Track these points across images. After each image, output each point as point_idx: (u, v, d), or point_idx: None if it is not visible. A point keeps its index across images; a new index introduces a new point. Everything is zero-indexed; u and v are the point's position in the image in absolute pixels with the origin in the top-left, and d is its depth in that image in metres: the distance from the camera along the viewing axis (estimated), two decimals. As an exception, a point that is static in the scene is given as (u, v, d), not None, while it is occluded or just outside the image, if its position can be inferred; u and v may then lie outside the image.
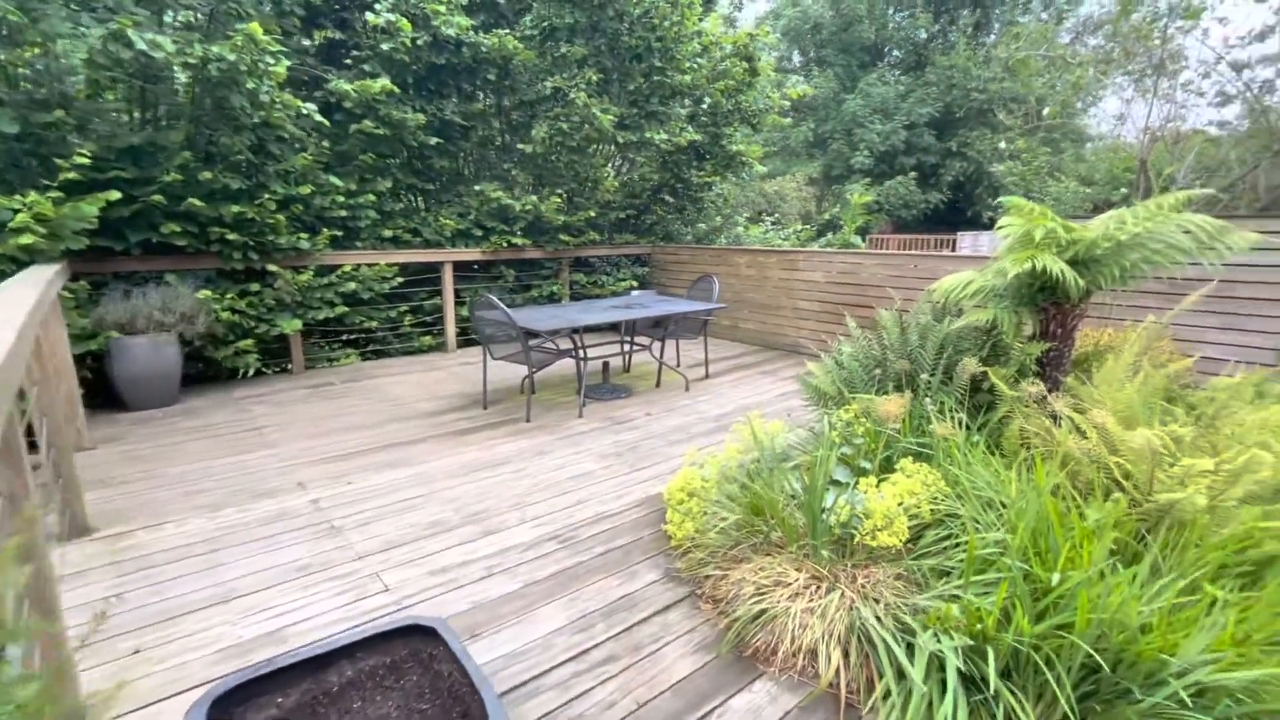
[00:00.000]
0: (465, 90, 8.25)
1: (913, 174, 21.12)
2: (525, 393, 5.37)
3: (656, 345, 6.75)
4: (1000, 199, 3.40)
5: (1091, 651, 1.68)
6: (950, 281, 3.50)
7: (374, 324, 7.53)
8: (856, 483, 2.77)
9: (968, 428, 3.14)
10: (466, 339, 8.35)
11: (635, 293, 8.21)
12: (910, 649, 1.98)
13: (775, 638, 2.33)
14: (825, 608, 2.31)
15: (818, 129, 23.93)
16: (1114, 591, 1.73)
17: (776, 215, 16.56)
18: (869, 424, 3.09)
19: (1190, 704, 1.52)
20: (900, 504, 2.56)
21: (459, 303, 8.23)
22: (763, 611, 2.39)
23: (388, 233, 7.52)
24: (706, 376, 6.79)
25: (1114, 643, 1.70)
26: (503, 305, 4.98)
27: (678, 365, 7.04)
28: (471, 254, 8.14)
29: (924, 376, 3.53)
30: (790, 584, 2.46)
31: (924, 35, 23.72)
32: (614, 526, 3.43)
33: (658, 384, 6.49)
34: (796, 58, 27.27)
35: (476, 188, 8.18)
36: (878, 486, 2.68)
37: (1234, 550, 2.08)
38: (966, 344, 3.53)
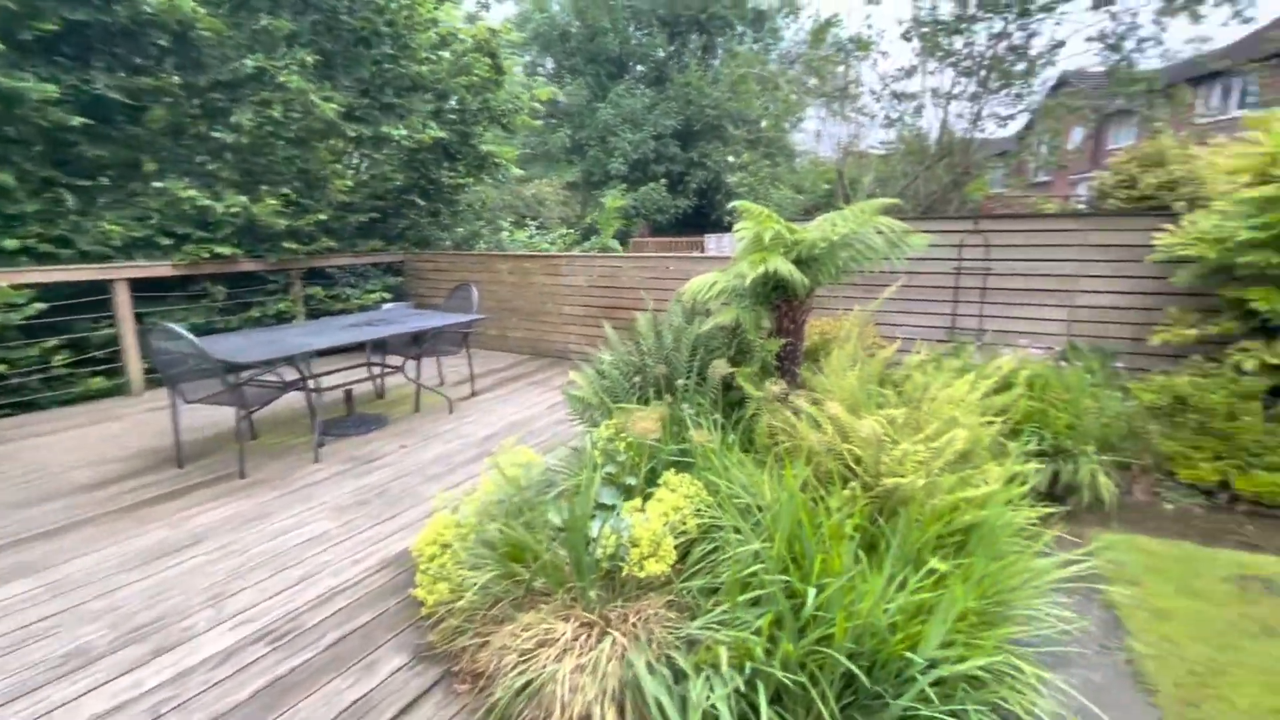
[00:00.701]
0: (128, 60, 6.45)
1: (663, 181, 22.74)
2: (240, 440, 4.28)
3: (412, 365, 6.01)
4: (732, 203, 3.51)
5: (847, 663, 1.65)
6: (697, 283, 3.52)
7: (3, 367, 5.50)
8: (623, 505, 2.57)
9: (724, 429, 3.15)
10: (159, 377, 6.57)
11: (387, 306, 7.27)
12: (684, 702, 1.79)
13: (544, 711, 1.99)
14: (596, 661, 2.03)
15: (575, 135, 24.48)
16: (865, 598, 1.72)
17: (541, 219, 16.43)
18: (630, 437, 2.93)
19: (935, 699, 1.56)
20: (666, 523, 2.41)
21: (146, 330, 6.42)
22: (528, 683, 2.03)
23: (10, 243, 5.53)
24: (473, 394, 6.24)
25: (869, 646, 1.69)
26: (189, 334, 3.88)
27: (440, 385, 6.37)
28: (157, 268, 6.42)
29: (681, 380, 3.50)
30: (557, 640, 2.13)
31: (662, 54, 25.68)
32: (351, 603, 2.78)
33: (416, 409, 5.76)
34: (550, 64, 27.60)
35: (159, 184, 6.45)
36: (643, 507, 2.50)
37: (945, 521, 2.28)
38: (717, 344, 3.59)
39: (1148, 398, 3.77)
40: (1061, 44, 6.42)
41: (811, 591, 1.81)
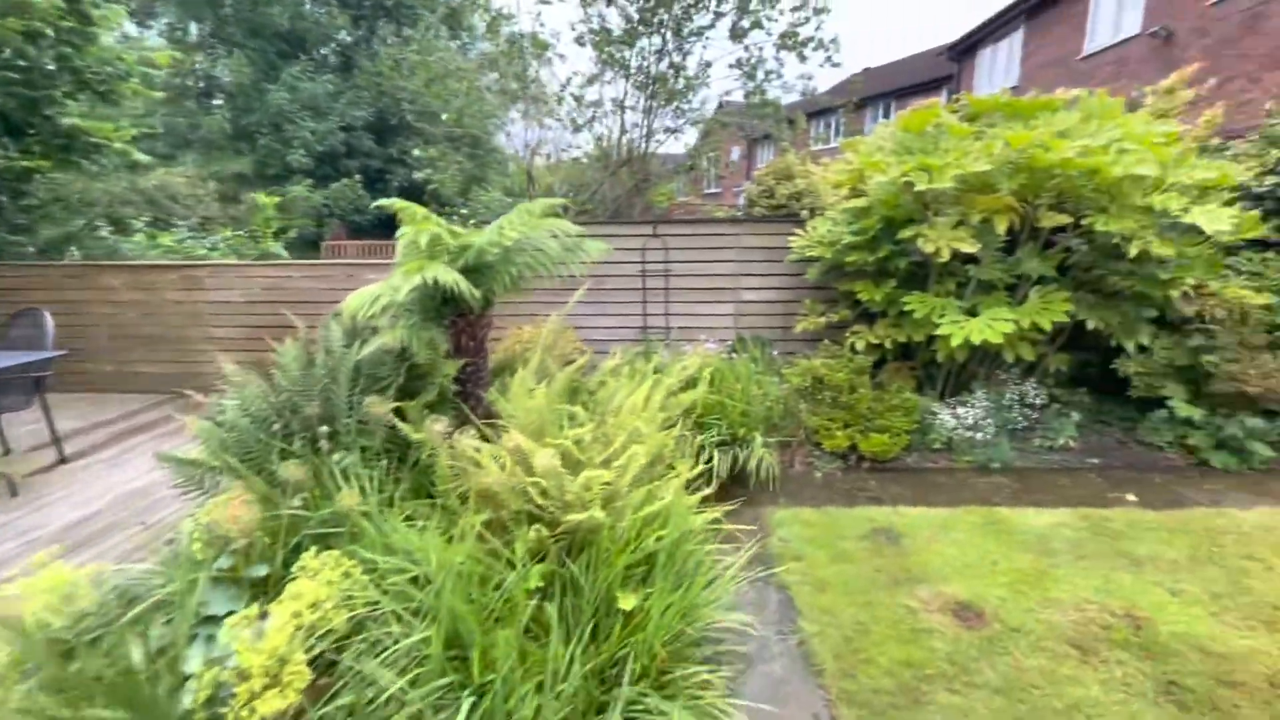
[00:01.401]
0: None
1: (358, 177, 20.42)
2: None
3: (-63, 434, 4.03)
4: (378, 202, 2.96)
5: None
6: (358, 298, 2.89)
7: None
8: (237, 613, 1.86)
9: (397, 479, 2.62)
10: None
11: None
12: None
13: None
14: None
15: (238, 119, 20.46)
16: (528, 702, 1.41)
17: (193, 219, 13.20)
18: (260, 510, 2.20)
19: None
20: (299, 628, 1.80)
21: None
22: None
23: None
24: (62, 461, 4.48)
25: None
26: None
27: (3, 454, 4.45)
28: None
29: (344, 420, 2.84)
30: None
31: (348, 38, 23.00)
32: None
33: (-55, 499, 3.88)
34: (194, 29, 22.58)
35: None
36: (262, 613, 1.84)
37: (632, 549, 2.14)
38: (385, 371, 3.01)
39: (795, 380, 4.34)
40: (709, 65, 7.32)
41: (465, 704, 1.43)
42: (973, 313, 4.13)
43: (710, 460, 3.65)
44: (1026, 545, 3.00)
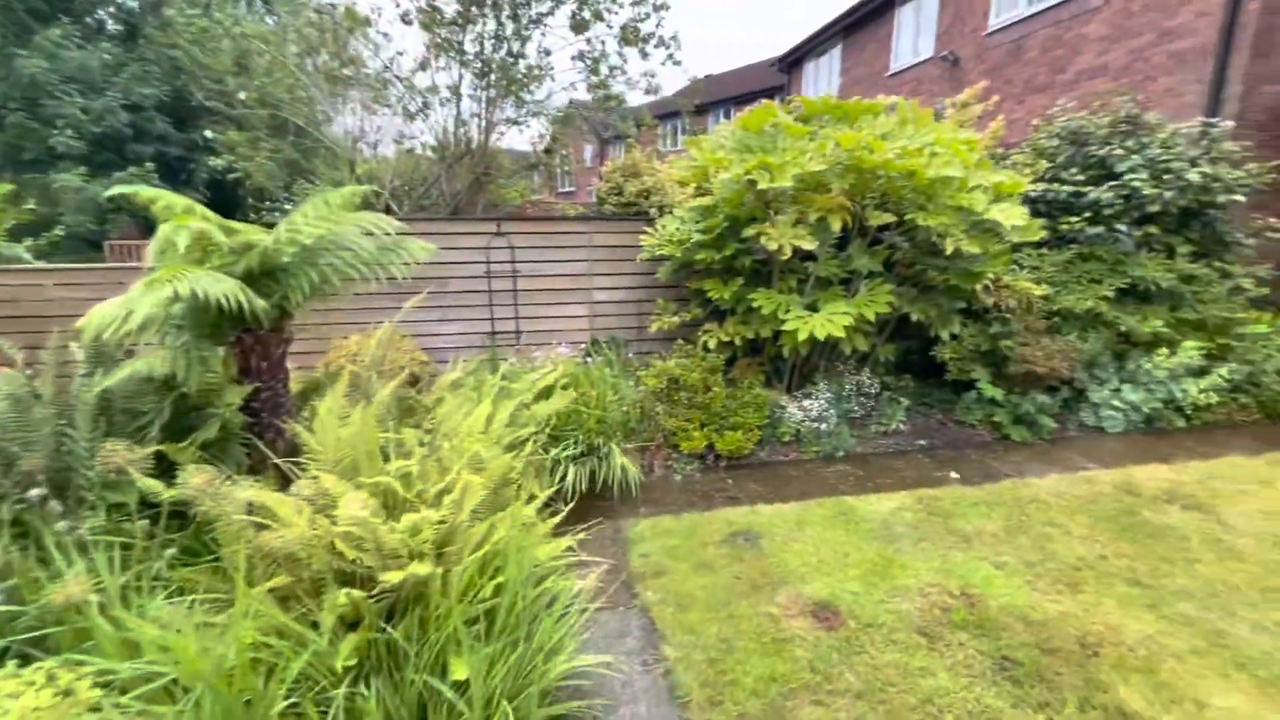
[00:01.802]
0: None
1: (151, 166, 17.41)
2: None
3: None
4: (118, 188, 2.34)
5: None
6: (104, 313, 2.24)
7: None
8: None
9: (167, 542, 2.06)
10: None
11: None
12: None
13: None
14: None
15: (-28, 90, 16.54)
16: None
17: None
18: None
19: None
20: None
21: None
22: None
23: None
24: None
25: None
26: None
27: None
28: None
29: (84, 472, 2.20)
30: None
31: (134, 3, 19.50)
32: None
33: None
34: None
35: None
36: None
37: (469, 599, 1.83)
38: (146, 404, 2.39)
39: (651, 383, 4.24)
40: (549, 53, 7.05)
41: None
42: (814, 308, 4.28)
43: (565, 477, 3.40)
44: (873, 533, 3.12)
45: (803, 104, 4.36)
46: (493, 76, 6.59)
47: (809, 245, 3.79)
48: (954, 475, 3.87)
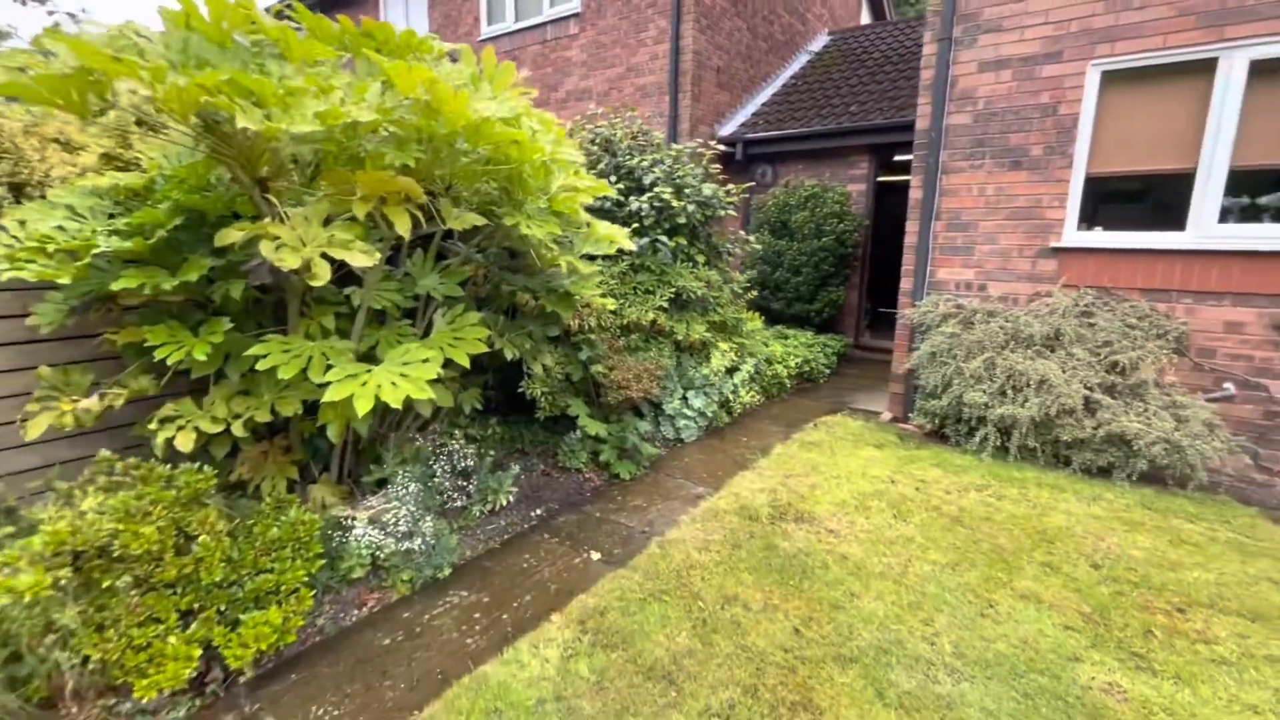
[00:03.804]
0: None
1: None
2: None
3: None
4: None
5: None
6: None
7: None
8: None
9: None
10: None
11: None
12: None
13: None
14: None
15: None
16: None
17: None
18: None
19: None
20: None
21: None
22: None
23: None
24: None
25: None
26: None
27: None
28: None
29: None
30: None
31: None
32: None
33: None
34: None
35: None
36: None
37: None
38: None
39: (29, 578, 1.91)
40: None
41: None
42: (372, 357, 2.73)
43: None
44: (551, 727, 1.92)
45: (300, 12, 2.61)
46: None
47: (365, 260, 2.21)
48: (594, 556, 3.02)
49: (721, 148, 5.85)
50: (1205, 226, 4.15)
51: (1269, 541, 3.22)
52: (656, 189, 4.99)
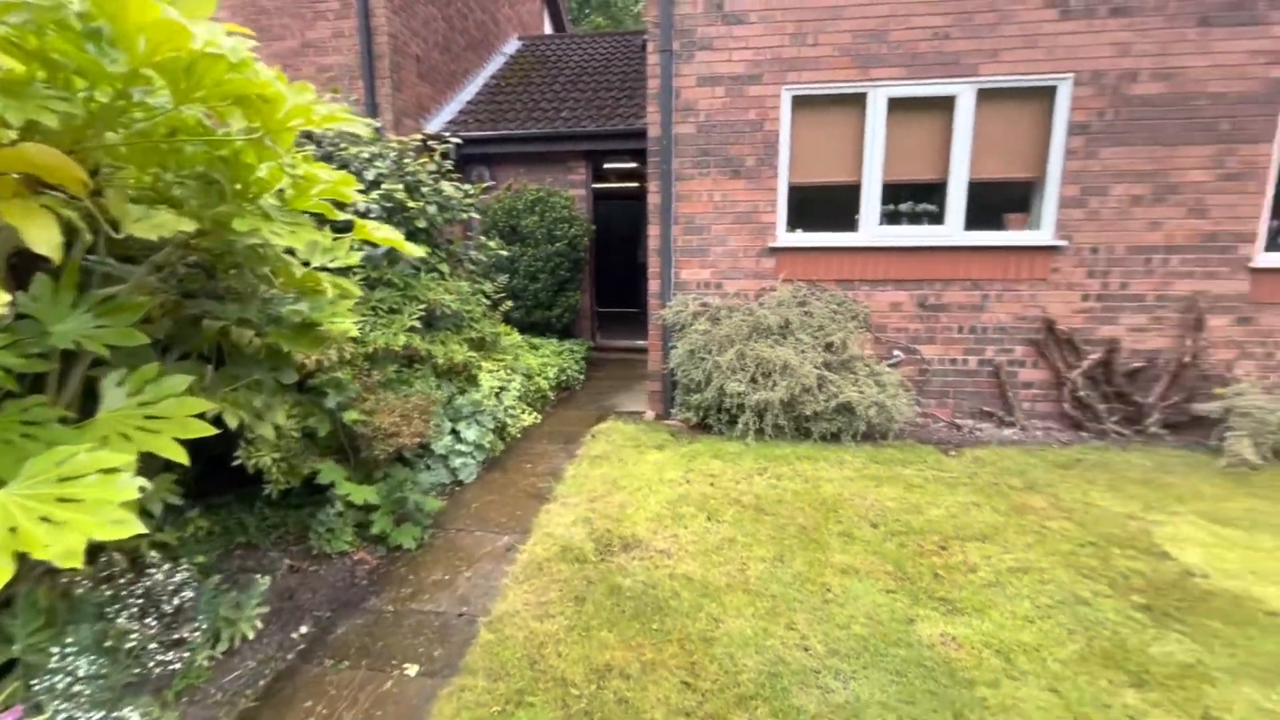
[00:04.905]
0: None
1: None
2: None
3: None
4: None
5: None
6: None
7: None
8: None
9: None
10: None
11: None
12: None
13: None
14: None
15: None
16: None
17: None
18: None
19: None
20: None
21: None
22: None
23: None
24: None
25: None
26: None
27: None
28: None
29: None
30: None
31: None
32: None
33: None
34: None
35: None
36: None
37: None
38: None
39: None
40: None
41: None
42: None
43: None
44: None
45: None
46: None
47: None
48: (410, 671, 2.26)
49: (442, 145, 5.19)
50: (871, 228, 5.19)
51: (954, 471, 4.14)
52: (385, 186, 4.14)
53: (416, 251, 2.47)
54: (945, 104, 4.93)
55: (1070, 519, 3.40)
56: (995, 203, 5.19)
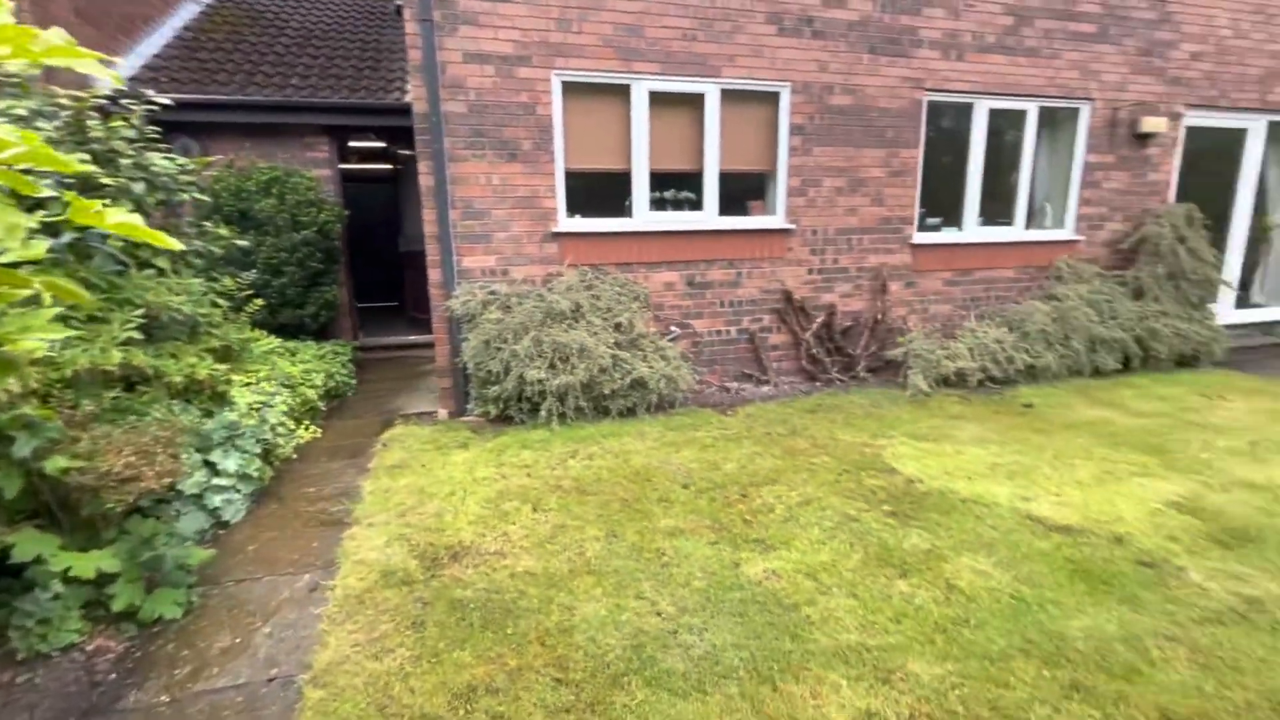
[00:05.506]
0: None
1: None
2: None
3: None
4: None
5: None
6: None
7: None
8: None
9: None
10: None
11: None
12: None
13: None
14: None
15: None
16: None
17: None
18: None
19: None
20: None
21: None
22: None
23: None
24: None
25: None
26: None
27: None
28: None
29: None
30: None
31: None
32: None
33: None
34: None
35: None
36: None
37: None
38: None
39: None
40: None
41: None
42: None
43: None
44: None
45: None
46: None
47: None
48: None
49: (144, 105, 4.07)
50: (642, 214, 5.54)
51: (734, 428, 4.71)
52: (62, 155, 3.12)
53: (175, 245, 1.92)
54: (698, 101, 5.46)
55: (827, 453, 4.14)
56: (741, 191, 5.95)
